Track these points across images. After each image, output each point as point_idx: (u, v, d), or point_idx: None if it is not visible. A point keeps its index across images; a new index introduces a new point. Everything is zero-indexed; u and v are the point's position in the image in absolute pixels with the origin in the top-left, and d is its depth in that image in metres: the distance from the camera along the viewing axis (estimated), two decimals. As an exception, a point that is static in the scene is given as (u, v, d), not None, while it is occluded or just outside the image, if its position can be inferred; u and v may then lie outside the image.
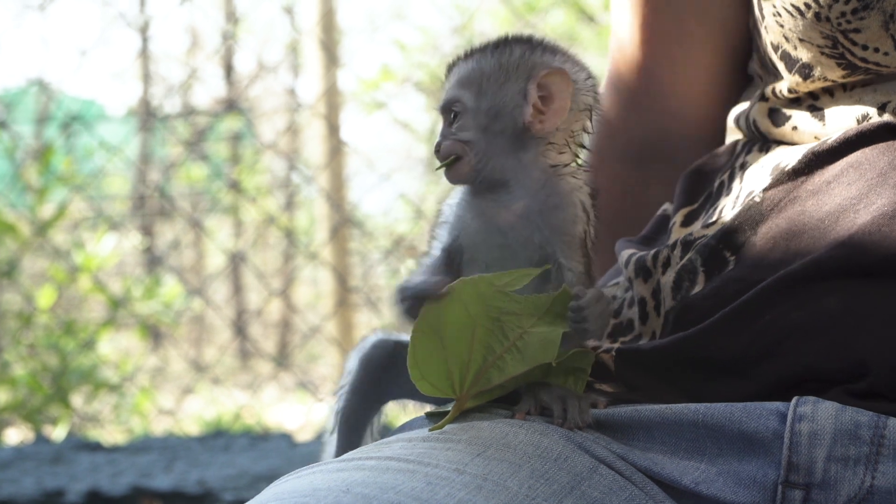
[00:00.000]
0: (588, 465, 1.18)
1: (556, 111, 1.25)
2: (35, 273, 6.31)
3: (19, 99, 6.29)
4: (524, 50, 1.27)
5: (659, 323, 1.32)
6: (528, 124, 1.25)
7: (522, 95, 1.25)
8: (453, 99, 1.27)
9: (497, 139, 1.25)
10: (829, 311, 1.19)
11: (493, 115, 1.26)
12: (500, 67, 1.27)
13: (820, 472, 1.15)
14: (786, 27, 1.31)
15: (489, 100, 1.26)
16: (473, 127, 1.26)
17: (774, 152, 1.35)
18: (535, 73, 1.25)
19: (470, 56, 1.29)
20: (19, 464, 3.98)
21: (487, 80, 1.26)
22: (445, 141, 1.26)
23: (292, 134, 7.10)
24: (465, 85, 1.27)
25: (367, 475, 1.09)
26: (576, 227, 1.24)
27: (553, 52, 1.28)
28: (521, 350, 1.20)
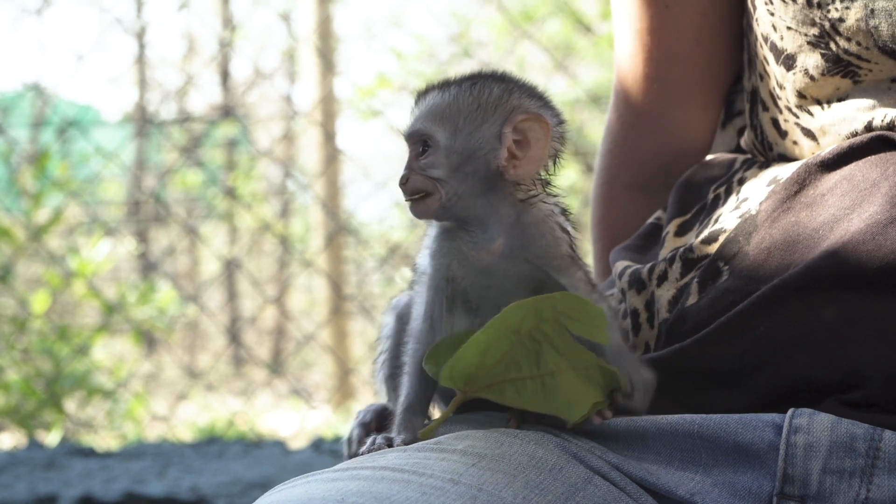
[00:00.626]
0: (583, 476, 1.18)
1: (532, 158, 1.24)
2: (29, 278, 6.30)
3: (15, 103, 6.28)
4: (503, 90, 1.25)
5: (652, 335, 1.32)
6: (501, 168, 1.23)
7: (497, 138, 1.23)
8: (425, 132, 1.24)
9: (467, 179, 1.23)
10: (823, 323, 1.19)
11: (467, 156, 1.23)
12: (478, 107, 1.24)
13: (815, 484, 1.16)
14: (776, 15, 1.31)
15: (463, 140, 1.23)
16: (445, 165, 1.23)
17: (772, 168, 1.36)
18: (513, 116, 1.23)
19: (445, 89, 1.26)
20: (12, 469, 3.97)
21: (464, 119, 1.24)
22: (414, 175, 1.24)
23: (288, 141, 7.10)
24: (440, 120, 1.24)
25: (362, 485, 1.09)
26: (560, 249, 1.24)
27: (531, 95, 1.26)
28: (547, 388, 1.18)
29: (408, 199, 1.24)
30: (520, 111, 1.24)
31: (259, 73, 7.34)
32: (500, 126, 1.23)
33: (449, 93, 1.25)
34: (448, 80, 1.27)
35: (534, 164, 1.24)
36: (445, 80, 1.27)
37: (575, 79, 6.29)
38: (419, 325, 1.26)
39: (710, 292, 1.27)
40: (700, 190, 1.44)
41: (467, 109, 1.24)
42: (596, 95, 6.13)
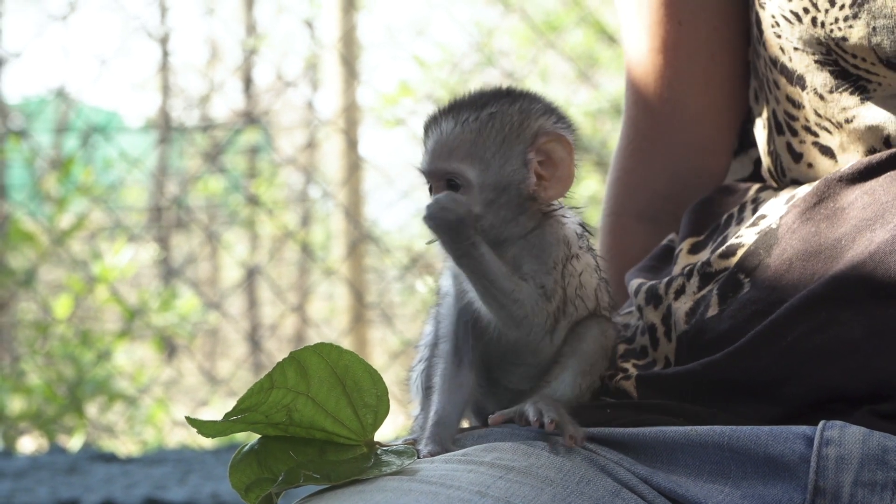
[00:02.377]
0: (610, 489, 1.17)
1: (561, 178, 1.23)
2: (52, 283, 6.33)
3: (40, 109, 6.31)
4: (522, 114, 1.23)
5: (671, 348, 1.31)
6: (533, 193, 1.23)
7: (524, 165, 1.22)
8: (455, 172, 1.22)
9: (501, 210, 1.22)
10: (851, 334, 1.18)
11: (500, 189, 1.22)
12: (504, 138, 1.22)
13: (847, 496, 1.15)
14: (783, 38, 1.31)
15: (495, 174, 1.22)
16: (479, 202, 1.22)
17: (788, 189, 1.36)
18: (537, 140, 1.22)
19: (464, 121, 1.23)
20: (34, 473, 3.99)
21: (492, 153, 1.22)
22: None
23: (311, 149, 7.11)
24: (468, 158, 1.22)
25: (388, 497, 1.09)
26: (546, 252, 1.22)
27: (547, 112, 1.24)
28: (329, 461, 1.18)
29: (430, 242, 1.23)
30: (542, 133, 1.23)
31: (282, 80, 7.36)
32: (525, 150, 1.22)
33: (470, 125, 1.22)
34: (461, 107, 1.24)
35: (563, 184, 1.23)
36: (458, 107, 1.24)
37: (598, 89, 6.29)
38: (445, 346, 1.26)
39: (732, 304, 1.26)
40: (714, 213, 1.43)
41: (493, 142, 1.22)
42: (619, 106, 6.12)
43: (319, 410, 1.17)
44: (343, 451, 1.18)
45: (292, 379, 1.16)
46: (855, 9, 1.25)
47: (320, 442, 1.18)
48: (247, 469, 1.18)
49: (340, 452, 1.18)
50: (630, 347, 1.37)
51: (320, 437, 1.18)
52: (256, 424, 1.18)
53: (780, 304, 1.22)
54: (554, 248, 1.23)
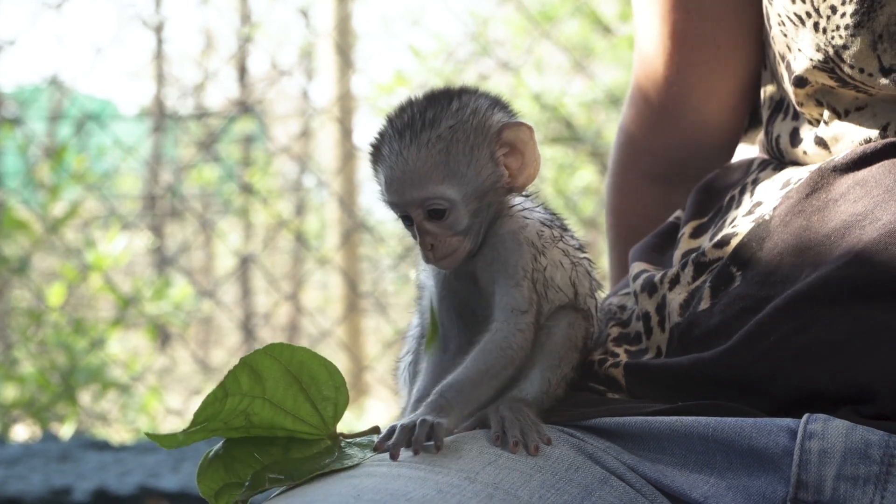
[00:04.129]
0: (599, 477, 1.18)
1: (530, 163, 1.23)
2: (46, 271, 6.32)
3: (34, 97, 6.30)
4: (478, 115, 1.22)
5: (664, 338, 1.32)
6: (510, 184, 1.23)
7: (494, 162, 1.23)
8: (434, 198, 1.21)
9: (482, 213, 1.23)
10: (834, 335, 1.19)
11: (480, 195, 1.22)
12: (470, 147, 1.22)
13: (829, 490, 1.16)
14: (788, 37, 1.32)
15: (472, 184, 1.22)
16: (466, 215, 1.22)
17: (786, 170, 1.36)
18: (501, 134, 1.22)
19: (424, 143, 1.21)
20: (27, 461, 3.99)
21: (465, 165, 1.22)
22: (441, 240, 1.22)
23: (305, 138, 7.11)
24: (445, 178, 1.21)
25: (378, 482, 1.10)
26: (515, 261, 1.23)
27: (497, 106, 1.25)
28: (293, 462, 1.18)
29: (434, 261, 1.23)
30: (503, 127, 1.23)
31: (277, 69, 7.35)
32: (493, 150, 1.23)
33: (435, 146, 1.21)
34: (414, 129, 1.22)
35: (532, 169, 1.24)
36: (412, 129, 1.22)
37: (593, 79, 6.28)
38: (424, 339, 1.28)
39: (723, 298, 1.27)
40: (718, 194, 1.44)
41: (463, 153, 1.22)
42: (614, 96, 6.12)
43: (278, 410, 1.17)
44: (308, 447, 1.18)
45: (246, 384, 1.17)
46: (857, 17, 1.25)
47: (284, 440, 1.19)
48: (214, 475, 1.19)
49: (305, 448, 1.18)
50: (624, 331, 1.38)
51: (283, 435, 1.19)
52: (216, 431, 1.18)
53: (769, 300, 1.23)
54: (519, 255, 1.23)
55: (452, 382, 1.19)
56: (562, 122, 6.30)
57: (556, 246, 1.26)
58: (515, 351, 1.21)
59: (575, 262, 1.27)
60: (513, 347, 1.21)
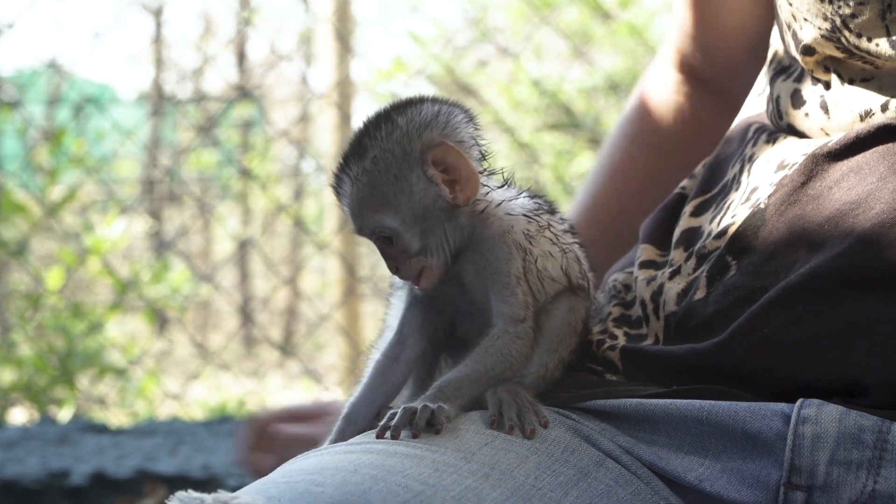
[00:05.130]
0: (594, 458, 1.19)
1: (468, 178, 1.23)
2: (44, 254, 6.33)
3: (32, 81, 6.29)
4: (400, 142, 1.23)
5: (660, 326, 1.32)
6: (455, 201, 1.24)
7: (429, 182, 1.23)
8: (376, 227, 1.24)
9: (437, 230, 1.24)
10: (826, 328, 1.19)
11: (422, 217, 1.23)
12: (396, 176, 1.22)
13: (822, 474, 1.16)
14: (794, 6, 1.31)
15: (409, 209, 1.23)
16: (415, 238, 1.23)
17: (779, 146, 1.35)
18: (425, 157, 1.23)
19: (357, 176, 1.23)
20: (25, 444, 4.00)
21: (394, 192, 1.22)
22: (401, 264, 1.24)
23: (304, 123, 7.11)
24: (377, 209, 1.23)
25: (375, 458, 1.11)
26: (506, 267, 1.24)
27: (423, 125, 1.24)
28: None
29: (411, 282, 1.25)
30: (426, 149, 1.23)
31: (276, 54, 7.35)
32: (422, 170, 1.23)
33: (362, 179, 1.23)
34: (349, 162, 1.24)
35: (473, 182, 1.24)
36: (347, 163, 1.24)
37: (593, 66, 6.28)
38: (390, 336, 1.29)
39: (718, 288, 1.27)
40: (720, 167, 1.44)
41: (388, 182, 1.23)
42: (614, 83, 6.12)
43: None
44: None
45: None
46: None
47: None
48: None
49: None
50: (626, 313, 1.38)
51: None
52: None
53: (763, 291, 1.23)
54: (509, 261, 1.24)
55: (451, 379, 1.20)
56: (561, 109, 6.30)
57: (544, 236, 1.26)
58: (515, 358, 1.22)
59: (565, 248, 1.28)
60: (513, 354, 1.22)
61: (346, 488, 1.06)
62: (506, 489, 1.10)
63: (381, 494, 1.05)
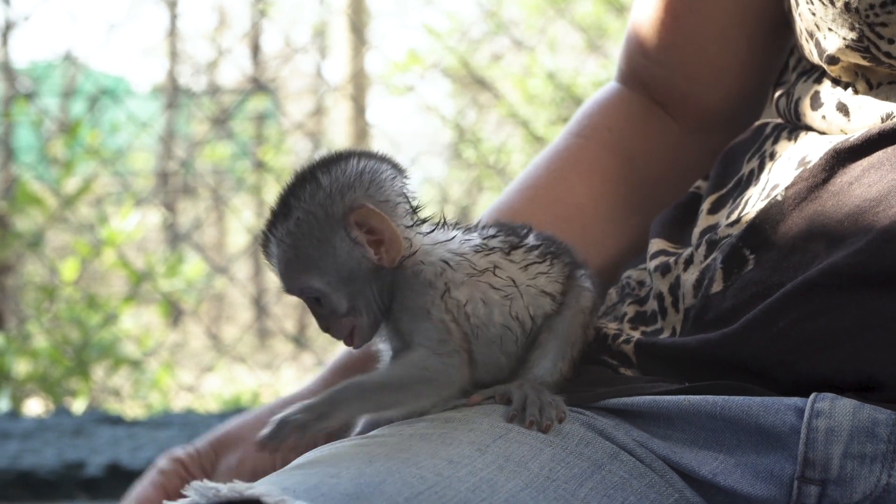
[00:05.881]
0: (609, 451, 1.20)
1: (391, 241, 1.22)
2: (59, 246, 6.35)
3: (47, 73, 6.31)
4: (324, 204, 1.21)
5: (678, 319, 1.32)
6: (380, 262, 1.22)
7: (353, 244, 1.21)
8: (304, 288, 1.22)
9: (366, 290, 1.22)
10: (842, 323, 1.19)
11: (349, 278, 1.21)
12: (318, 239, 1.21)
13: (836, 468, 1.16)
14: (817, 16, 1.31)
15: (333, 270, 1.21)
16: (343, 298, 1.22)
17: (801, 142, 1.35)
18: (347, 220, 1.21)
19: (280, 238, 1.22)
20: (41, 435, 4.01)
21: (319, 255, 1.21)
22: (331, 324, 1.23)
23: (318, 115, 7.12)
24: (302, 271, 1.22)
25: (390, 450, 1.12)
26: (416, 302, 1.22)
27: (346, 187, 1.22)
28: None
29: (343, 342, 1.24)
30: (346, 213, 1.21)
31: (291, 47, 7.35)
32: (345, 233, 1.21)
33: (286, 241, 1.21)
34: (274, 223, 1.22)
35: (396, 244, 1.22)
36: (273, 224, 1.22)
37: (607, 59, 6.27)
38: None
39: (736, 281, 1.27)
40: (735, 163, 1.43)
41: (312, 245, 1.21)
42: (627, 76, 6.10)
43: None
44: None
45: None
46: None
47: None
48: None
49: None
50: (641, 310, 1.39)
51: None
52: None
53: (780, 286, 1.23)
54: (418, 295, 1.22)
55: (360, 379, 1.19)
56: (575, 102, 6.29)
57: (480, 279, 1.23)
58: (433, 373, 1.19)
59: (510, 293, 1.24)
60: (429, 368, 1.19)
61: (361, 479, 1.06)
62: (520, 481, 1.11)
63: (396, 486, 1.06)
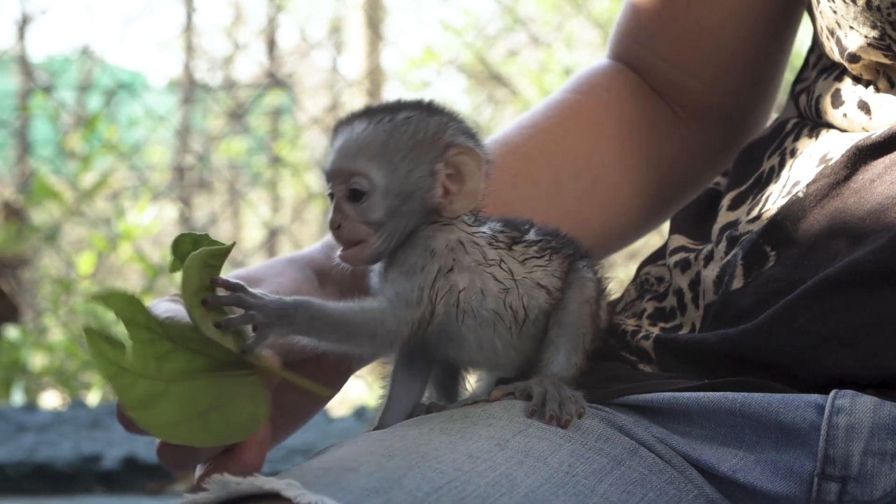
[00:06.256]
0: (628, 447, 1.20)
1: (469, 193, 1.19)
2: (75, 240, 6.37)
3: (63, 68, 6.33)
4: (437, 125, 1.19)
5: (698, 315, 1.32)
6: (438, 206, 1.19)
7: (432, 174, 1.18)
8: (360, 172, 1.17)
9: (401, 220, 1.19)
10: (863, 320, 1.18)
11: (404, 197, 1.18)
12: (415, 144, 1.18)
13: (856, 465, 1.16)
14: (838, 13, 1.30)
15: (400, 180, 1.17)
16: (382, 208, 1.18)
17: (822, 140, 1.34)
18: (447, 151, 1.19)
19: (376, 122, 1.18)
20: (57, 428, 4.03)
21: (401, 157, 1.18)
22: (349, 223, 1.18)
23: (334, 111, 7.13)
24: (377, 159, 1.17)
25: (409, 444, 1.12)
26: (412, 257, 1.18)
27: (462, 131, 1.21)
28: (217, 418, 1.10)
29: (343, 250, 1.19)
30: (453, 145, 1.19)
31: (307, 42, 7.36)
32: (434, 162, 1.19)
33: (382, 127, 1.18)
34: (374, 111, 1.20)
35: (469, 199, 1.20)
36: (374, 110, 1.20)
37: (623, 56, 6.25)
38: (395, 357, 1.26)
39: (757, 278, 1.27)
40: (756, 157, 1.42)
41: (404, 147, 1.18)
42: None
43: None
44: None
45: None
46: None
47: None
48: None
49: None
50: (660, 306, 1.38)
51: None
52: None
53: (801, 283, 1.22)
54: (419, 256, 1.18)
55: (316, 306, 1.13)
56: (591, 99, 6.28)
57: (487, 270, 1.21)
58: (381, 328, 1.15)
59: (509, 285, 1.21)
60: (381, 324, 1.15)
61: (381, 474, 1.06)
62: (539, 476, 1.11)
63: (416, 480, 1.06)
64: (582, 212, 1.47)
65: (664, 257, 1.43)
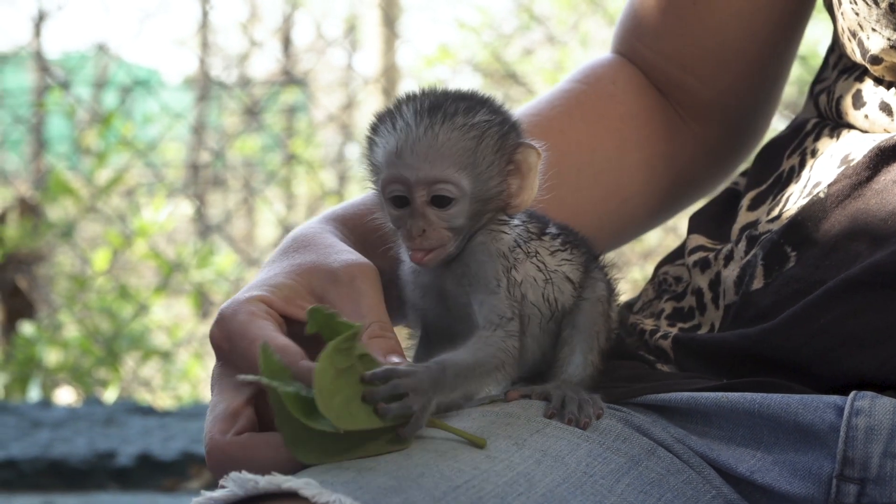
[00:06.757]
0: (646, 447, 1.19)
1: (529, 187, 1.19)
2: (91, 236, 6.38)
3: (79, 65, 6.34)
4: (503, 125, 1.18)
5: (718, 315, 1.32)
6: (507, 202, 1.19)
7: (502, 175, 1.18)
8: (447, 180, 1.16)
9: (474, 221, 1.18)
10: (883, 322, 1.18)
11: (485, 200, 1.18)
12: (497, 149, 1.17)
13: (875, 467, 1.16)
14: (860, 15, 1.30)
15: (483, 185, 1.17)
16: (466, 214, 1.17)
17: (844, 140, 1.34)
18: (515, 150, 1.18)
19: (459, 123, 1.16)
20: (72, 424, 4.04)
21: (487, 164, 1.17)
22: (433, 230, 1.17)
23: (349, 109, 7.13)
24: (466, 168, 1.16)
25: (427, 443, 1.11)
26: (487, 270, 1.18)
27: (516, 121, 1.21)
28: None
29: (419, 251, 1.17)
30: (518, 143, 1.19)
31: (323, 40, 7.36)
32: (506, 163, 1.18)
33: (469, 132, 1.16)
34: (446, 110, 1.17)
35: (530, 193, 1.20)
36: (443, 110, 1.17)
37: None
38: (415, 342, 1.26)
39: (777, 278, 1.26)
40: (775, 157, 1.42)
41: (490, 153, 1.17)
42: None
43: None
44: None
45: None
46: None
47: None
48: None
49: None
50: (678, 306, 1.38)
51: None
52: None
53: (822, 284, 1.22)
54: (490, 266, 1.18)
55: (455, 361, 1.13)
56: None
57: (531, 261, 1.21)
58: (506, 356, 1.16)
59: (548, 276, 1.22)
60: (505, 351, 1.16)
61: (399, 472, 1.06)
62: (557, 476, 1.11)
63: (434, 479, 1.06)
64: (579, 205, 1.47)
65: (682, 257, 1.42)
